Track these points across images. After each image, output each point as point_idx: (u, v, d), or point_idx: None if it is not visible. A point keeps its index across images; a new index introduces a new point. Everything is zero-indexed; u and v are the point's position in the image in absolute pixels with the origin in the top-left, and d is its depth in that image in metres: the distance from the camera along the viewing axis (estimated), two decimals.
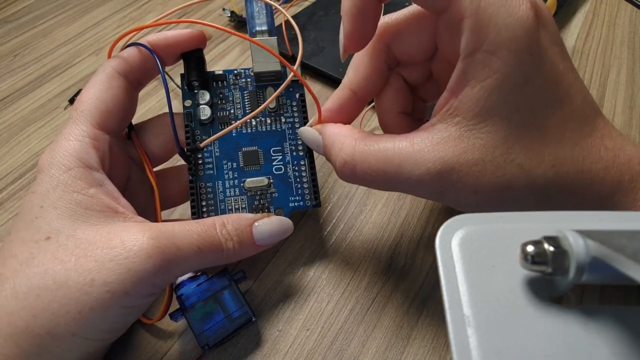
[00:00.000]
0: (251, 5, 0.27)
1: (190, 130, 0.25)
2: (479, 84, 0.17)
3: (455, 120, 0.18)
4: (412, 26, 0.22)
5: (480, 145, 0.18)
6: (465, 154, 0.18)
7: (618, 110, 0.36)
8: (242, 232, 0.22)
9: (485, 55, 0.17)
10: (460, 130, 0.18)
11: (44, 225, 0.19)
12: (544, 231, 0.13)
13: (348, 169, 0.21)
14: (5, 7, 0.49)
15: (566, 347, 0.12)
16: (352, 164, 0.20)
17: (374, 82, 0.23)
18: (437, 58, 0.23)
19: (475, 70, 0.17)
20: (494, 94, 0.17)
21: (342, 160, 0.21)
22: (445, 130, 0.18)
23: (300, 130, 0.25)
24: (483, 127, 0.18)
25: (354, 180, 0.21)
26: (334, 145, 0.22)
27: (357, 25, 0.20)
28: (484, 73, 0.17)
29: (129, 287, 0.18)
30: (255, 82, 0.27)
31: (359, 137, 0.21)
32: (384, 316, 0.24)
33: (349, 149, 0.21)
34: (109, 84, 0.22)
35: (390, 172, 0.19)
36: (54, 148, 0.20)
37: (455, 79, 0.18)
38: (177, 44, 0.24)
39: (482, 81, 0.17)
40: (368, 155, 0.20)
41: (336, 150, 0.21)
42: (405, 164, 0.19)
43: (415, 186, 0.19)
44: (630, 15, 0.46)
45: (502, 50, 0.17)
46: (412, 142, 0.19)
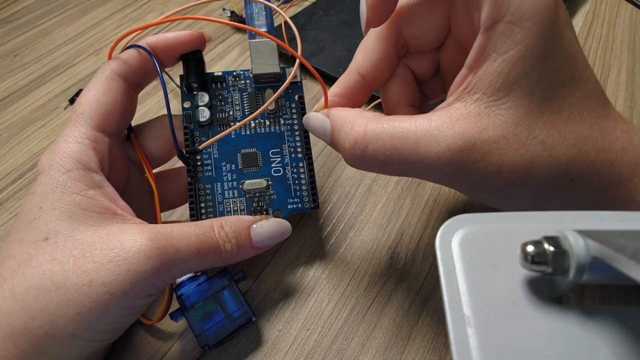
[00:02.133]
0: (250, 7, 0.27)
1: (190, 132, 0.25)
2: (500, 57, 0.17)
3: (475, 97, 0.18)
4: (425, 8, 0.21)
5: (501, 122, 0.17)
6: (487, 131, 0.17)
7: (618, 110, 0.36)
8: (241, 234, 0.22)
9: (508, 27, 0.16)
10: (480, 107, 0.17)
11: (43, 226, 0.19)
12: (544, 231, 0.13)
13: (359, 149, 0.19)
14: (5, 7, 0.49)
15: (566, 347, 0.12)
16: (363, 144, 0.19)
17: (382, 67, 0.23)
18: (447, 46, 0.23)
19: (497, 42, 0.17)
20: (516, 67, 0.17)
21: (353, 140, 0.19)
22: (464, 108, 0.18)
23: (306, 116, 0.23)
24: (504, 102, 0.17)
25: (364, 162, 0.20)
26: (344, 125, 0.20)
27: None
28: (507, 45, 0.17)
29: (128, 288, 0.18)
30: (255, 83, 0.27)
31: (372, 117, 0.20)
32: (384, 316, 0.24)
33: (360, 127, 0.19)
34: (108, 86, 0.22)
35: (406, 151, 0.18)
36: (54, 150, 0.21)
37: (474, 54, 0.18)
38: (177, 46, 0.24)
39: (504, 53, 0.17)
40: (382, 132, 0.19)
41: (346, 130, 0.20)
42: (422, 142, 0.18)
43: (433, 167, 0.18)
44: (630, 15, 0.46)
45: (525, 21, 0.16)
46: (429, 120, 0.18)
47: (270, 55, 0.26)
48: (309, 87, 0.38)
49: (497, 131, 0.17)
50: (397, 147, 0.18)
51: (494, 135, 0.17)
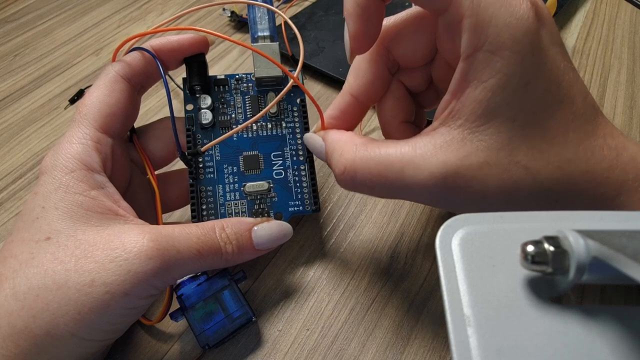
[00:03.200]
0: (253, 11, 0.27)
1: (192, 134, 0.25)
2: (481, 85, 0.17)
3: (458, 123, 0.18)
4: (411, 28, 0.22)
5: (484, 148, 0.17)
6: (469, 157, 0.17)
7: (618, 110, 0.36)
8: (242, 236, 0.22)
9: (487, 55, 0.17)
10: (463, 133, 0.18)
11: (45, 225, 0.19)
12: (544, 231, 0.13)
13: (348, 175, 0.20)
14: (5, 7, 0.49)
15: (566, 347, 0.12)
16: (352, 170, 0.20)
17: (375, 87, 0.23)
18: (437, 62, 0.23)
19: (477, 70, 0.17)
20: (496, 95, 0.17)
21: (342, 167, 0.20)
22: (448, 134, 0.18)
23: (305, 136, 0.25)
24: (486, 129, 0.17)
25: (354, 187, 0.21)
26: (335, 151, 0.21)
27: (362, 26, 0.20)
28: (486, 73, 0.17)
29: (129, 288, 0.18)
30: (257, 86, 0.27)
31: (360, 143, 0.20)
32: (384, 316, 0.24)
33: (349, 154, 0.20)
34: (112, 88, 0.22)
35: (392, 178, 0.19)
36: (57, 150, 0.21)
37: (456, 81, 0.18)
38: (180, 49, 0.24)
39: (485, 82, 0.17)
40: (369, 160, 0.20)
41: (336, 157, 0.21)
42: (407, 169, 0.18)
43: (418, 192, 0.19)
44: (630, 15, 0.46)
45: (503, 50, 0.16)
46: (414, 147, 0.19)
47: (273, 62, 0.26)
48: (309, 87, 0.38)
49: (480, 157, 0.17)
50: (383, 174, 0.19)
51: (476, 162, 0.17)
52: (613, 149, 0.18)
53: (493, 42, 0.17)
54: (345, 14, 0.20)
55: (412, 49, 0.22)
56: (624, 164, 0.18)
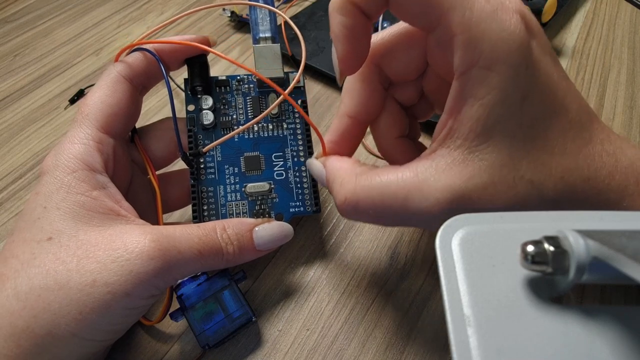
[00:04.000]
0: (255, 12, 0.27)
1: (193, 134, 0.25)
2: (477, 102, 0.17)
3: (457, 143, 0.17)
4: (401, 44, 0.21)
5: (487, 167, 0.17)
6: (473, 179, 0.17)
7: (618, 111, 0.36)
8: (243, 237, 0.22)
9: (482, 72, 0.16)
10: (463, 153, 0.17)
11: (46, 225, 0.19)
12: (544, 231, 0.13)
13: (349, 205, 0.20)
14: (5, 7, 0.49)
15: (566, 347, 0.12)
16: (353, 201, 0.19)
17: (371, 105, 0.23)
18: (428, 75, 0.22)
19: (473, 87, 0.17)
20: (494, 111, 0.17)
21: (343, 197, 0.20)
22: (449, 155, 0.18)
23: (307, 162, 0.24)
24: (486, 147, 0.17)
25: (356, 217, 0.20)
26: (335, 181, 0.21)
27: (349, 47, 0.19)
28: (483, 90, 0.17)
29: (130, 288, 0.18)
30: (258, 87, 0.27)
31: (360, 172, 0.20)
32: (384, 316, 0.24)
33: (349, 184, 0.20)
34: (114, 88, 0.22)
35: (397, 207, 0.18)
36: (59, 150, 0.21)
37: (452, 99, 0.18)
38: (182, 49, 0.24)
39: (481, 99, 0.17)
40: (370, 190, 0.19)
41: (337, 187, 0.20)
42: (411, 197, 0.18)
43: (424, 219, 0.18)
44: (630, 15, 0.46)
45: (498, 65, 0.16)
46: (415, 172, 0.18)
47: (273, 60, 0.26)
48: (310, 87, 0.38)
49: (484, 177, 0.17)
50: (387, 202, 0.18)
51: (481, 182, 0.17)
52: (611, 155, 0.18)
53: (487, 58, 0.16)
54: (332, 36, 0.19)
55: (403, 64, 0.22)
56: (624, 168, 0.18)
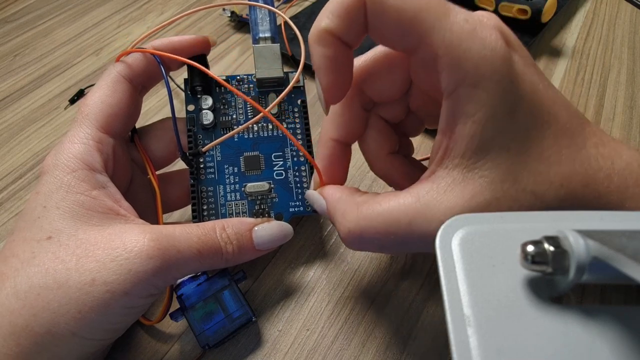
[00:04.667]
0: (254, 13, 0.27)
1: (193, 134, 0.25)
2: (470, 120, 0.17)
3: (455, 162, 0.17)
4: (383, 67, 0.21)
5: (487, 184, 0.17)
6: (476, 197, 0.17)
7: (618, 111, 0.36)
8: (242, 237, 0.22)
9: (469, 90, 0.16)
10: (462, 172, 0.17)
11: (46, 224, 0.19)
12: (544, 231, 0.13)
13: (354, 237, 0.19)
14: (6, 7, 0.49)
15: (566, 347, 0.12)
16: (357, 232, 0.19)
17: (353, 126, 0.23)
18: (414, 92, 0.22)
19: (463, 106, 0.17)
20: (487, 127, 0.17)
21: (346, 229, 0.19)
22: (448, 176, 0.18)
23: (306, 194, 0.24)
24: (484, 163, 0.17)
25: (362, 247, 0.20)
26: (337, 213, 0.21)
27: (333, 77, 0.19)
28: (472, 108, 0.17)
29: (129, 287, 0.18)
30: (258, 87, 0.27)
31: (361, 202, 0.20)
32: (384, 316, 0.24)
33: (351, 216, 0.19)
34: (114, 88, 0.23)
35: (401, 234, 0.18)
36: (59, 150, 0.21)
37: (444, 119, 0.18)
38: (182, 50, 0.24)
39: (472, 116, 0.17)
40: (373, 220, 0.19)
41: (339, 219, 0.20)
42: (415, 222, 0.17)
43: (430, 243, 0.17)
44: (630, 15, 0.46)
45: (484, 82, 0.16)
46: (417, 197, 0.18)
47: (273, 60, 0.26)
48: (310, 87, 0.38)
49: (486, 194, 0.17)
50: (391, 230, 0.18)
51: (484, 200, 0.17)
52: (607, 158, 0.18)
53: (472, 76, 0.16)
54: (314, 68, 0.19)
55: (387, 86, 0.22)
56: (621, 170, 0.18)
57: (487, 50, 0.16)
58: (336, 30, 0.18)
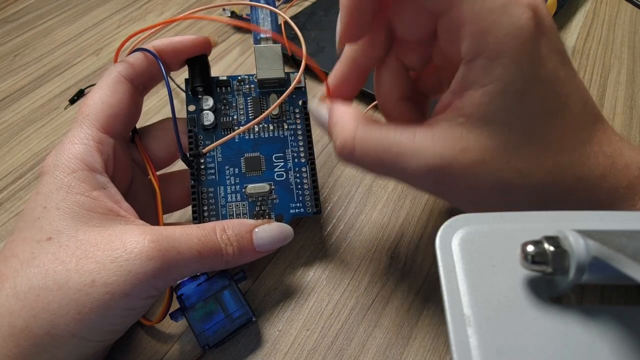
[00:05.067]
0: (256, 13, 0.27)
1: (194, 135, 0.25)
2: (481, 89, 0.17)
3: (459, 121, 0.18)
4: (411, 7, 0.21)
5: (480, 147, 0.18)
6: (465, 153, 0.18)
7: (618, 110, 0.36)
8: (242, 238, 0.22)
9: (487, 62, 0.17)
10: (462, 130, 0.18)
11: (46, 225, 0.19)
12: (544, 231, 0.13)
13: (347, 150, 0.20)
14: (6, 7, 0.49)
15: (566, 347, 0.12)
16: (350, 147, 0.20)
17: (374, 48, 0.23)
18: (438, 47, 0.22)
19: (477, 75, 0.17)
20: (495, 100, 0.17)
21: (342, 141, 0.21)
22: (449, 128, 0.18)
23: (309, 107, 0.24)
24: (484, 131, 0.18)
25: (351, 162, 0.21)
26: (337, 125, 0.21)
27: (355, 17, 0.20)
28: (486, 79, 0.17)
29: (129, 288, 0.18)
30: (259, 88, 0.27)
31: (362, 122, 0.21)
32: (384, 316, 0.24)
33: (350, 131, 0.20)
34: (114, 88, 0.23)
35: (387, 161, 0.19)
36: (59, 150, 0.21)
37: (457, 82, 0.18)
38: (183, 50, 0.24)
39: (484, 86, 0.17)
40: (368, 140, 0.20)
41: (338, 130, 0.21)
42: (403, 156, 0.19)
43: (411, 177, 0.19)
44: (630, 15, 0.46)
45: (503, 58, 0.17)
46: (413, 135, 0.19)
47: (274, 61, 0.26)
48: (310, 87, 0.38)
49: (475, 155, 0.18)
50: (380, 155, 0.19)
51: (471, 158, 0.18)
52: (609, 157, 0.18)
53: (493, 49, 0.17)
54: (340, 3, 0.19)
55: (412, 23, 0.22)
56: (618, 171, 0.18)
57: (513, 27, 0.16)
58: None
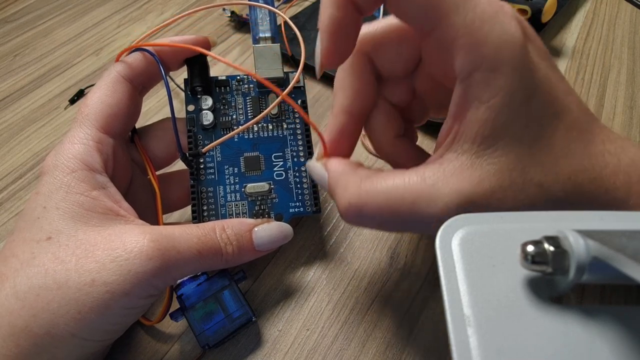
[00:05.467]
0: (255, 13, 0.27)
1: (193, 135, 0.25)
2: (483, 105, 0.16)
3: (465, 148, 0.17)
4: (393, 39, 0.21)
5: (495, 171, 0.17)
6: (482, 183, 0.17)
7: (618, 110, 0.36)
8: (242, 237, 0.22)
9: (487, 74, 0.16)
10: (471, 157, 0.17)
11: (46, 225, 0.19)
12: (544, 231, 0.13)
13: (354, 210, 0.19)
14: (6, 7, 0.49)
15: (566, 347, 0.12)
16: (358, 206, 0.19)
17: (365, 97, 0.22)
18: (420, 74, 0.22)
19: (477, 91, 0.16)
20: (502, 113, 0.16)
21: (346, 202, 0.19)
22: (456, 160, 0.17)
23: (307, 164, 0.24)
24: (494, 150, 0.17)
25: (361, 222, 0.20)
26: (338, 185, 0.20)
27: (336, 43, 0.19)
28: (488, 93, 0.16)
29: (129, 288, 0.18)
30: (258, 88, 0.27)
31: (365, 176, 0.19)
32: (384, 316, 0.24)
33: (353, 189, 0.19)
34: (113, 88, 0.23)
35: (404, 212, 0.18)
36: (59, 150, 0.21)
37: (456, 104, 0.17)
38: (182, 50, 0.24)
39: (487, 101, 0.16)
40: (376, 194, 0.18)
41: (340, 191, 0.20)
42: (419, 202, 0.17)
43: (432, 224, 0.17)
44: (630, 15, 0.46)
45: (503, 67, 0.16)
46: (423, 177, 0.18)
47: (273, 60, 0.26)
48: (310, 87, 0.38)
49: (493, 182, 0.17)
50: (394, 208, 0.18)
51: (490, 187, 0.17)
52: (613, 154, 0.18)
53: (491, 60, 0.16)
54: (319, 28, 0.19)
55: (394, 59, 0.21)
56: (626, 167, 0.18)
57: (508, 35, 0.16)
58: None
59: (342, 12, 0.18)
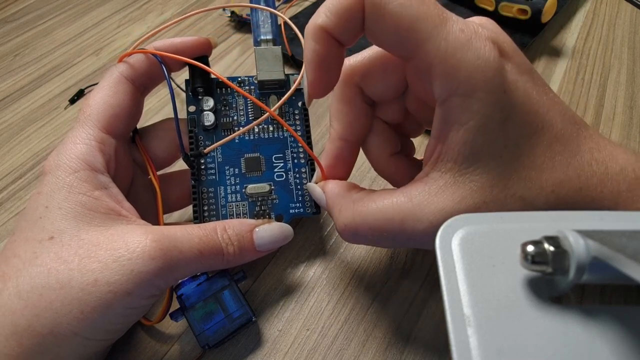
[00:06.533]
0: (256, 15, 0.27)
1: (194, 135, 0.25)
2: (462, 128, 0.17)
3: (448, 166, 0.18)
4: (379, 67, 0.22)
5: (477, 188, 0.18)
6: (465, 200, 0.18)
7: (618, 111, 0.36)
8: (243, 237, 0.22)
9: (462, 99, 0.17)
10: (454, 176, 0.18)
11: (48, 225, 0.19)
12: (544, 231, 0.13)
13: (349, 231, 0.21)
14: (6, 7, 0.49)
15: (566, 347, 0.12)
16: (352, 227, 0.20)
17: (360, 124, 0.23)
18: (409, 96, 0.23)
19: (455, 114, 0.17)
20: (478, 135, 0.17)
21: (342, 225, 0.21)
22: (440, 178, 0.18)
23: (307, 186, 0.25)
24: (475, 169, 0.18)
25: (357, 241, 0.21)
26: (334, 208, 0.22)
27: (320, 73, 0.20)
28: (465, 116, 0.17)
29: (131, 287, 0.18)
30: (259, 89, 0.27)
31: (357, 198, 0.21)
32: (384, 316, 0.24)
33: (347, 212, 0.21)
34: (116, 89, 0.23)
35: (394, 231, 0.19)
36: (61, 150, 0.21)
37: (437, 126, 0.18)
38: (184, 51, 0.24)
39: (465, 124, 0.17)
40: (367, 216, 0.20)
41: (336, 214, 0.21)
42: (407, 221, 0.18)
43: (422, 240, 0.19)
44: (630, 15, 0.46)
45: (477, 92, 0.17)
46: (410, 197, 0.19)
47: (275, 62, 0.26)
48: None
49: (476, 198, 0.18)
50: (384, 228, 0.19)
51: (473, 203, 0.18)
52: (601, 163, 0.18)
53: (465, 86, 0.17)
54: (304, 61, 0.20)
55: (383, 85, 0.22)
56: (614, 175, 0.18)
57: (481, 61, 0.17)
58: (332, 28, 0.18)
59: (324, 46, 0.19)
